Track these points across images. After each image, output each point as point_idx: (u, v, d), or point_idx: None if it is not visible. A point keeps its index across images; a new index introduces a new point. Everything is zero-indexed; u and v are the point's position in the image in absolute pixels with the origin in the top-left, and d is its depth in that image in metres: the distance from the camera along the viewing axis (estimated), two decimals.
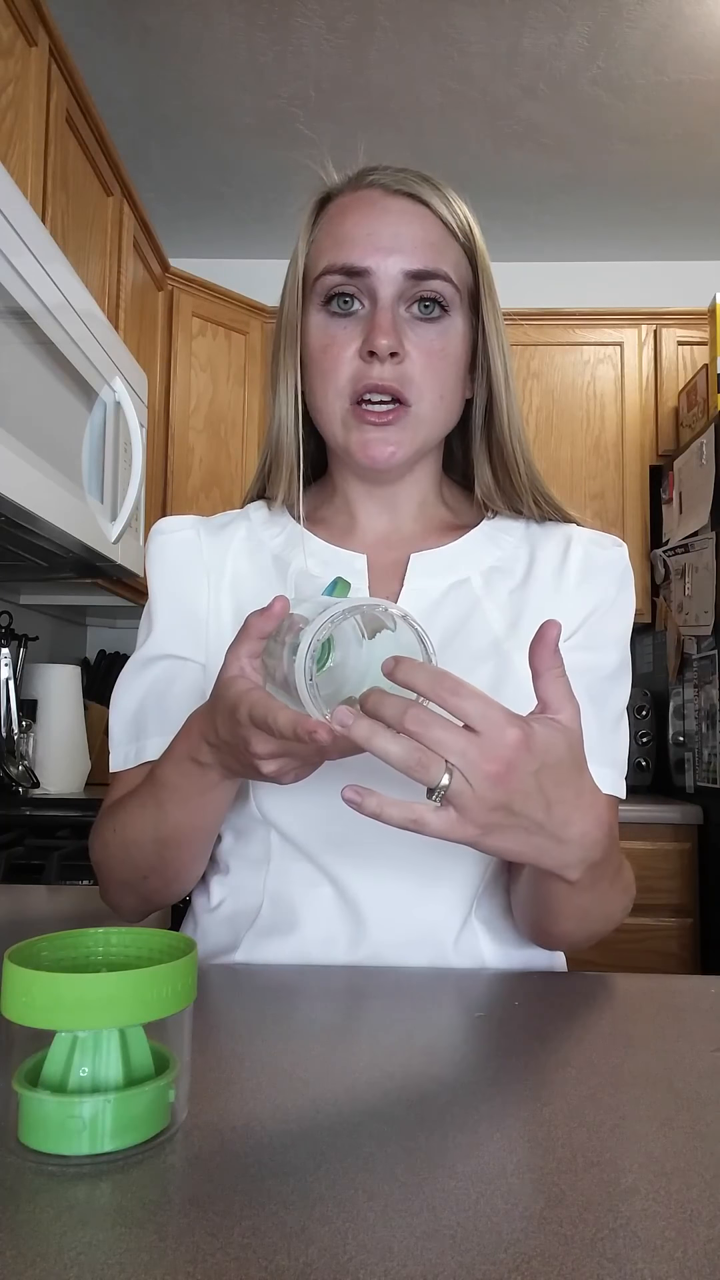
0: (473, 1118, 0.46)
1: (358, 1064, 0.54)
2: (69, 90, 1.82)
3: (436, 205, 0.80)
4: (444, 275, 0.78)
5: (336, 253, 0.79)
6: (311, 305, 0.81)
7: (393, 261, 0.77)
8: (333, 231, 0.81)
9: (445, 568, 0.82)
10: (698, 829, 2.34)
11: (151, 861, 0.76)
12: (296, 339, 0.83)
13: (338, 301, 0.79)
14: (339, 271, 0.78)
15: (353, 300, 0.79)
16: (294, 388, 0.83)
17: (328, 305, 0.79)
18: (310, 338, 0.81)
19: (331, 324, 0.79)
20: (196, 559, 0.86)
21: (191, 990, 0.44)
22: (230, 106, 2.54)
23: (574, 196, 2.92)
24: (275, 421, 0.85)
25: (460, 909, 0.76)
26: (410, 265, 0.77)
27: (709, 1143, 0.44)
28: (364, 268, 0.77)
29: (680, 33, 2.26)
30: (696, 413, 2.65)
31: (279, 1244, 0.35)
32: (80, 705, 2.45)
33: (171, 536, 0.87)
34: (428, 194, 0.80)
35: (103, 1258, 0.34)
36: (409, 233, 0.78)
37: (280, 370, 0.84)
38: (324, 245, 0.81)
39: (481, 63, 2.36)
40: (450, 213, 0.81)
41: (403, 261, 0.77)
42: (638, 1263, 0.34)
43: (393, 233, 0.78)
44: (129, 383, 1.90)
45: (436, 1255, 0.34)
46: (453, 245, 0.81)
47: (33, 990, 0.41)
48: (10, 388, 1.37)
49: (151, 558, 0.87)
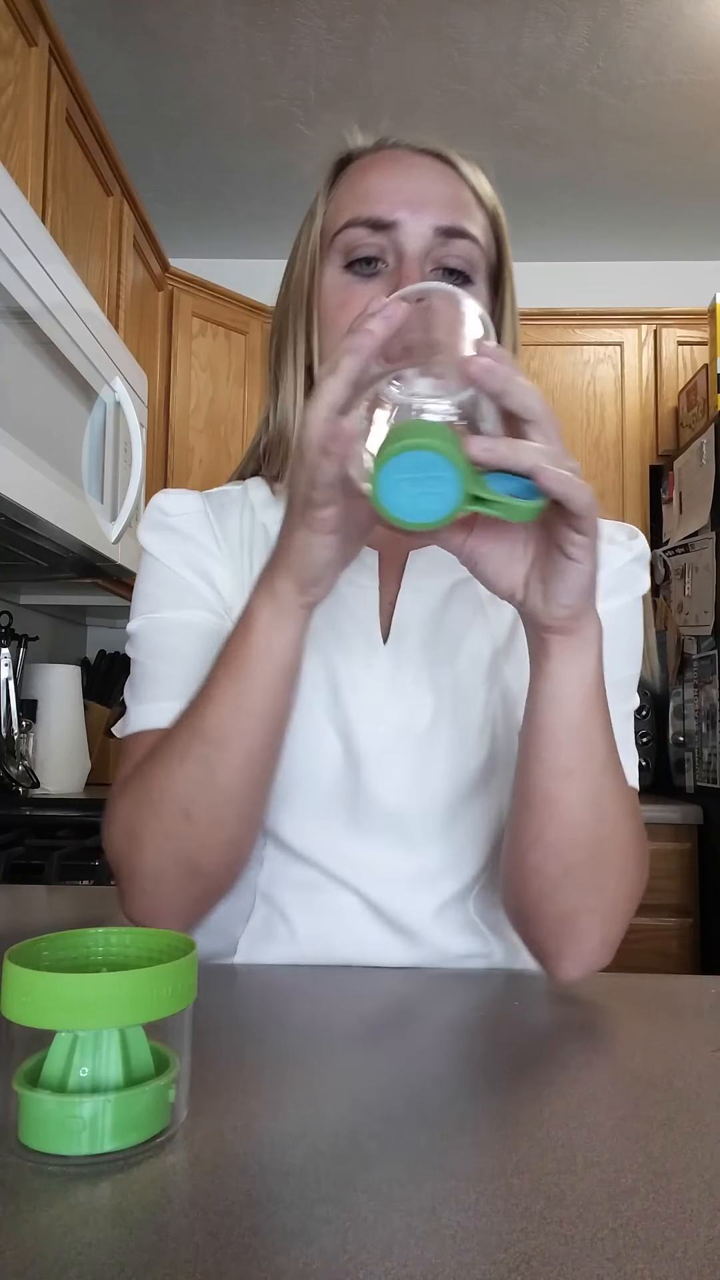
0: (473, 1118, 0.46)
1: (358, 1064, 0.54)
2: (69, 90, 1.82)
3: (463, 169, 0.76)
4: (473, 237, 0.74)
5: (361, 206, 0.73)
6: (328, 264, 0.75)
7: (422, 216, 0.72)
8: (355, 187, 0.75)
9: (446, 566, 0.78)
10: (698, 829, 2.34)
11: (198, 802, 0.63)
12: (306, 303, 0.77)
13: (360, 264, 0.73)
14: (364, 224, 0.73)
15: (375, 262, 0.73)
16: (303, 356, 0.77)
17: (349, 268, 0.74)
18: (326, 297, 0.75)
19: (352, 282, 0.74)
20: (206, 528, 0.80)
21: (191, 990, 0.44)
22: (230, 106, 2.53)
23: (574, 196, 2.92)
24: (280, 395, 0.79)
25: (458, 909, 0.76)
26: (441, 220, 0.72)
27: (709, 1143, 0.44)
28: (392, 220, 0.72)
29: (680, 33, 2.26)
30: (696, 413, 2.65)
31: (279, 1244, 0.35)
32: (80, 705, 2.45)
33: (179, 510, 0.80)
34: (454, 157, 0.77)
35: (103, 1258, 0.34)
36: (437, 189, 0.74)
37: (288, 339, 0.79)
38: (345, 201, 0.75)
39: (481, 63, 2.36)
40: (476, 179, 0.77)
41: (433, 216, 0.72)
42: (638, 1263, 0.34)
43: (420, 187, 0.73)
44: (129, 383, 1.90)
45: (436, 1255, 0.34)
46: (479, 212, 0.76)
47: (33, 990, 0.41)
48: (10, 388, 1.37)
49: (157, 525, 0.79)
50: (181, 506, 0.80)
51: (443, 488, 0.49)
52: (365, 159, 0.77)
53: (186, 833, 0.64)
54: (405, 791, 0.74)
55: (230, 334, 2.80)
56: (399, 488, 0.49)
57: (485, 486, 0.50)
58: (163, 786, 0.64)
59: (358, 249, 0.73)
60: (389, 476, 0.49)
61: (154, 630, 0.75)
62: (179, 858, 0.65)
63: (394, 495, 0.49)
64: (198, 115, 2.58)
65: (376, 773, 0.74)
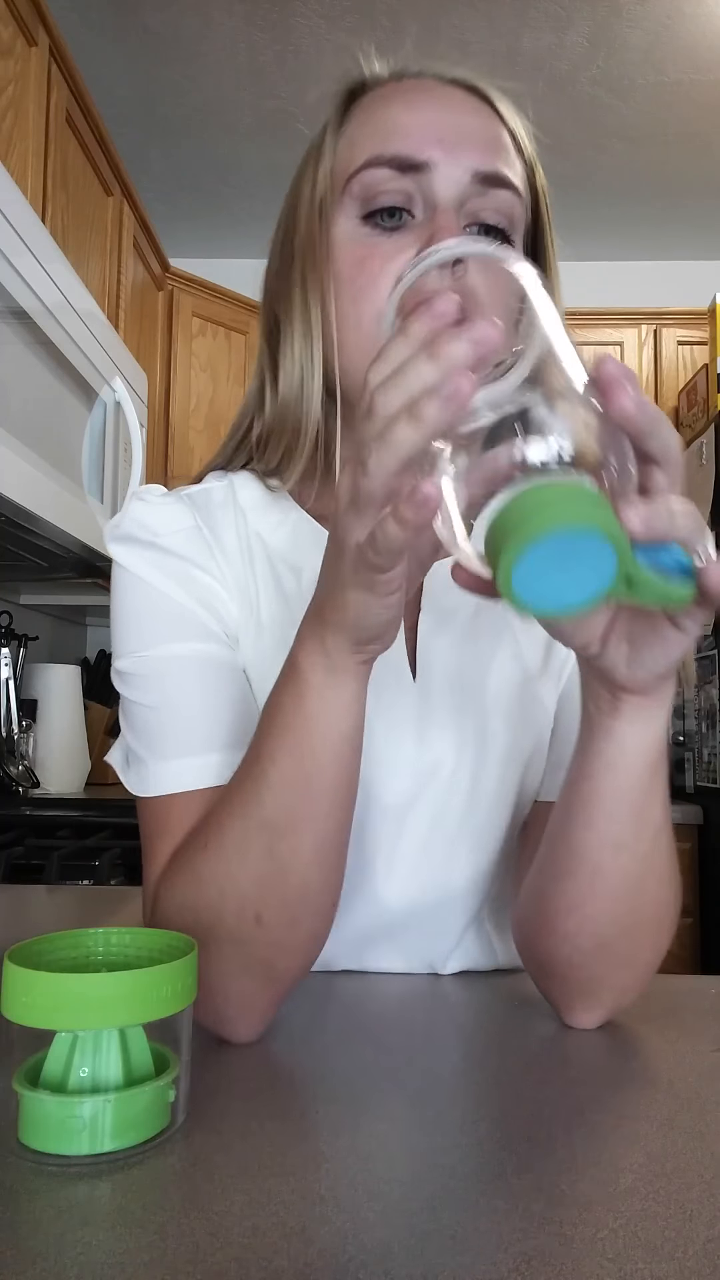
0: (473, 1118, 0.46)
1: (358, 1064, 0.54)
2: (69, 90, 1.82)
3: (501, 106, 0.64)
4: (515, 188, 0.62)
5: (383, 142, 0.61)
6: (341, 214, 0.63)
7: (458, 157, 0.60)
8: (374, 120, 0.63)
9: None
10: (698, 829, 2.34)
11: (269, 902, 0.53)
12: (314, 262, 0.64)
13: (382, 215, 0.61)
14: (387, 164, 0.60)
15: (401, 213, 0.61)
16: (318, 326, 0.64)
17: (369, 219, 0.61)
18: (339, 251, 0.62)
19: (372, 235, 0.61)
20: (202, 546, 0.67)
21: (192, 990, 0.44)
22: (230, 106, 2.53)
23: (574, 196, 2.92)
24: (283, 377, 0.66)
25: (473, 934, 0.73)
26: (480, 164, 0.60)
27: (709, 1143, 0.43)
28: (422, 160, 0.60)
29: (680, 33, 2.26)
30: (696, 413, 2.65)
31: (279, 1244, 0.35)
32: (80, 705, 2.45)
33: (169, 528, 0.66)
34: (491, 91, 0.64)
35: (103, 1258, 0.34)
36: (475, 126, 0.61)
37: (292, 308, 0.65)
38: (361, 136, 0.63)
39: (481, 63, 2.36)
40: (514, 120, 0.65)
41: (471, 158, 0.60)
42: (638, 1263, 0.34)
43: (455, 122, 0.61)
44: (129, 383, 1.90)
45: (436, 1255, 0.34)
46: (519, 160, 0.64)
47: (33, 990, 0.41)
48: (10, 388, 1.37)
49: (139, 543, 0.65)
50: (170, 523, 0.66)
51: (594, 571, 0.39)
52: (384, 89, 0.65)
53: (258, 937, 0.54)
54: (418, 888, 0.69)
55: (230, 334, 2.80)
56: (543, 575, 0.39)
57: (637, 565, 0.40)
58: (223, 887, 0.54)
59: (380, 195, 0.61)
60: (531, 563, 0.38)
61: (157, 669, 0.63)
62: (251, 963, 0.54)
63: (534, 584, 0.39)
64: (198, 115, 2.58)
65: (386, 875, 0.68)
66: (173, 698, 0.63)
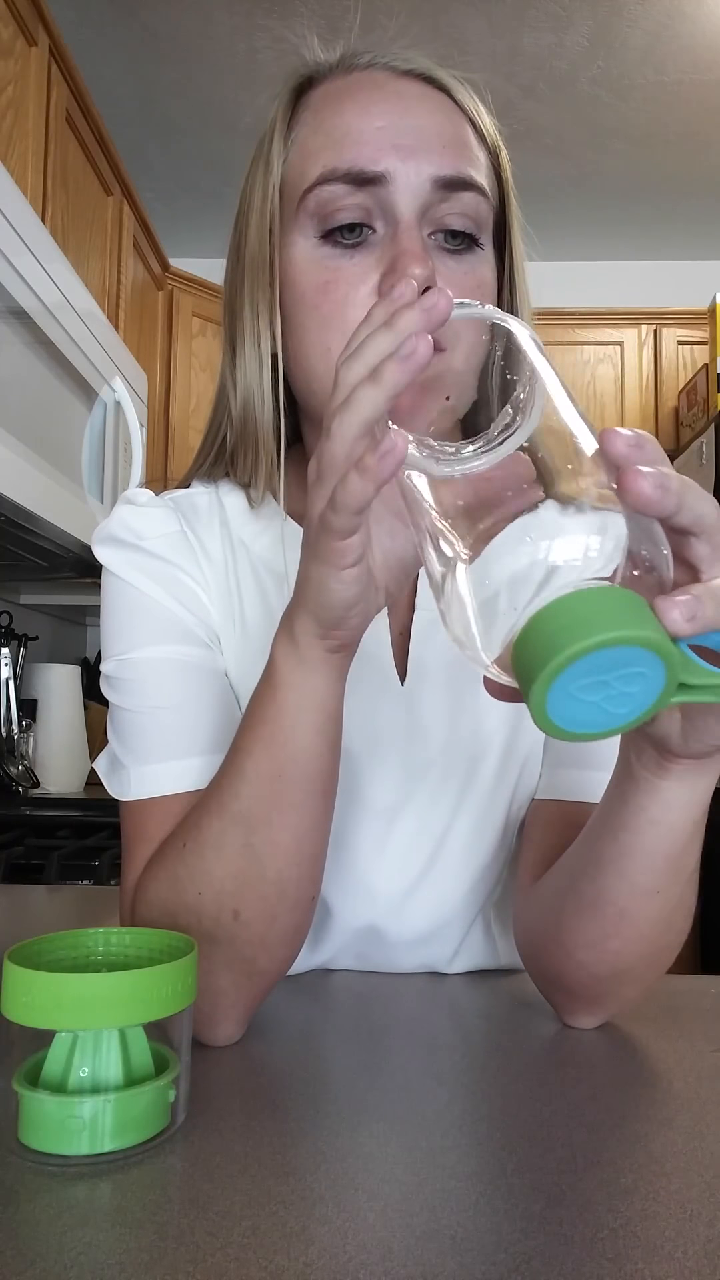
0: (473, 1118, 0.46)
1: (358, 1063, 0.54)
2: (69, 90, 1.82)
3: (459, 96, 0.61)
4: (479, 188, 0.59)
5: (336, 153, 0.58)
6: (297, 232, 0.60)
7: (417, 164, 0.57)
8: (325, 125, 0.59)
9: None
10: None
11: (246, 898, 0.53)
12: (267, 277, 0.62)
13: (342, 232, 0.58)
14: (342, 179, 0.57)
15: (360, 229, 0.58)
16: (266, 343, 0.63)
17: (328, 237, 0.59)
18: (300, 274, 0.60)
19: (333, 256, 0.59)
20: (187, 552, 0.67)
21: (192, 990, 0.44)
22: (230, 106, 2.53)
23: (574, 196, 2.92)
24: (241, 389, 0.65)
25: (476, 937, 0.73)
26: (440, 170, 0.57)
27: (709, 1143, 0.43)
28: (377, 173, 0.57)
29: (680, 33, 2.26)
30: (696, 412, 2.64)
31: (279, 1244, 0.35)
32: (80, 705, 2.45)
33: (155, 532, 0.67)
34: (447, 80, 0.61)
35: (103, 1258, 0.34)
36: (433, 125, 0.58)
37: (244, 320, 0.64)
38: (313, 145, 0.59)
39: (481, 63, 2.36)
40: (475, 109, 0.62)
41: (430, 164, 0.57)
42: (638, 1263, 0.34)
43: (412, 125, 0.58)
44: (129, 382, 1.90)
45: (436, 1255, 0.34)
46: (482, 151, 0.61)
47: (33, 990, 0.41)
48: (10, 388, 1.37)
49: (126, 546, 0.66)
50: (155, 527, 0.67)
51: (640, 685, 0.35)
52: (333, 83, 0.61)
53: (238, 934, 0.53)
54: (411, 888, 0.69)
55: None
56: (582, 698, 0.34)
57: (690, 665, 0.35)
58: (201, 884, 0.54)
59: (337, 213, 0.58)
60: (566, 689, 0.34)
61: (140, 673, 0.63)
62: (231, 961, 0.54)
63: (573, 711, 0.35)
64: (198, 115, 2.58)
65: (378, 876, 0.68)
66: (153, 701, 0.63)
